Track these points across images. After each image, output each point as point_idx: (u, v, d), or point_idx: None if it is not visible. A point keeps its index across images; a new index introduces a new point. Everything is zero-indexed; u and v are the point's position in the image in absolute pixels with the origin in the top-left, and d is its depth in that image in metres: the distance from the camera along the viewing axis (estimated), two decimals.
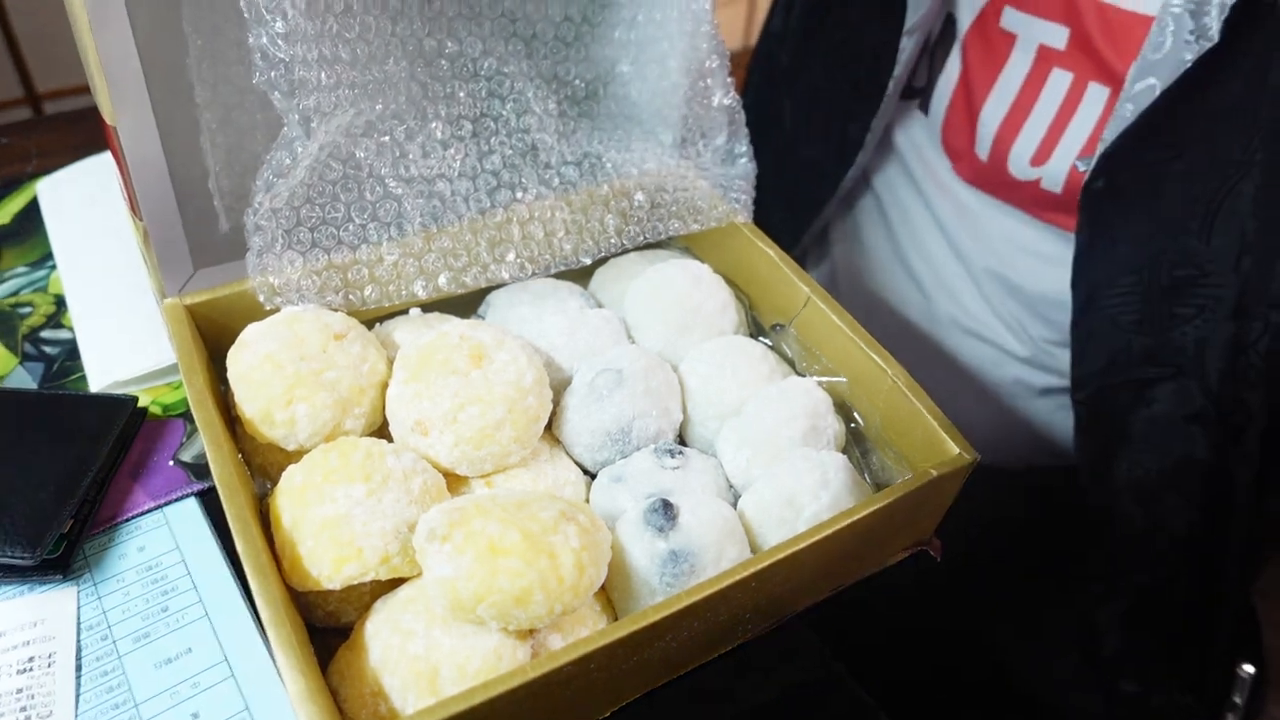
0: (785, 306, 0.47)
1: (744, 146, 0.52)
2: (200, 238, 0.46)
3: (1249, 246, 0.46)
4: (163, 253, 0.45)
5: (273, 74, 0.41)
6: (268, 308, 0.41)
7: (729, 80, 0.51)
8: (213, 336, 0.43)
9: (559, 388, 0.42)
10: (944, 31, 0.59)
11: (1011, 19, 0.55)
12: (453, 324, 0.43)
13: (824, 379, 0.45)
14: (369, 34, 0.45)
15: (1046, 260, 0.57)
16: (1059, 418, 0.62)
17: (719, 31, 0.50)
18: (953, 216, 0.62)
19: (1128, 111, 0.47)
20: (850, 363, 0.44)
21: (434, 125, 0.48)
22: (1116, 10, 0.50)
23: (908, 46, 0.57)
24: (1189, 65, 0.44)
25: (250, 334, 0.39)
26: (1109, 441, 0.54)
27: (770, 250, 0.48)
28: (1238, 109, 0.45)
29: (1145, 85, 0.46)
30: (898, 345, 0.45)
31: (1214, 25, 0.43)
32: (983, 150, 0.57)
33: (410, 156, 0.47)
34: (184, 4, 0.42)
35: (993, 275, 0.61)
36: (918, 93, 0.62)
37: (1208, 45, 0.44)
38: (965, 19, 0.58)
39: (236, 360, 0.39)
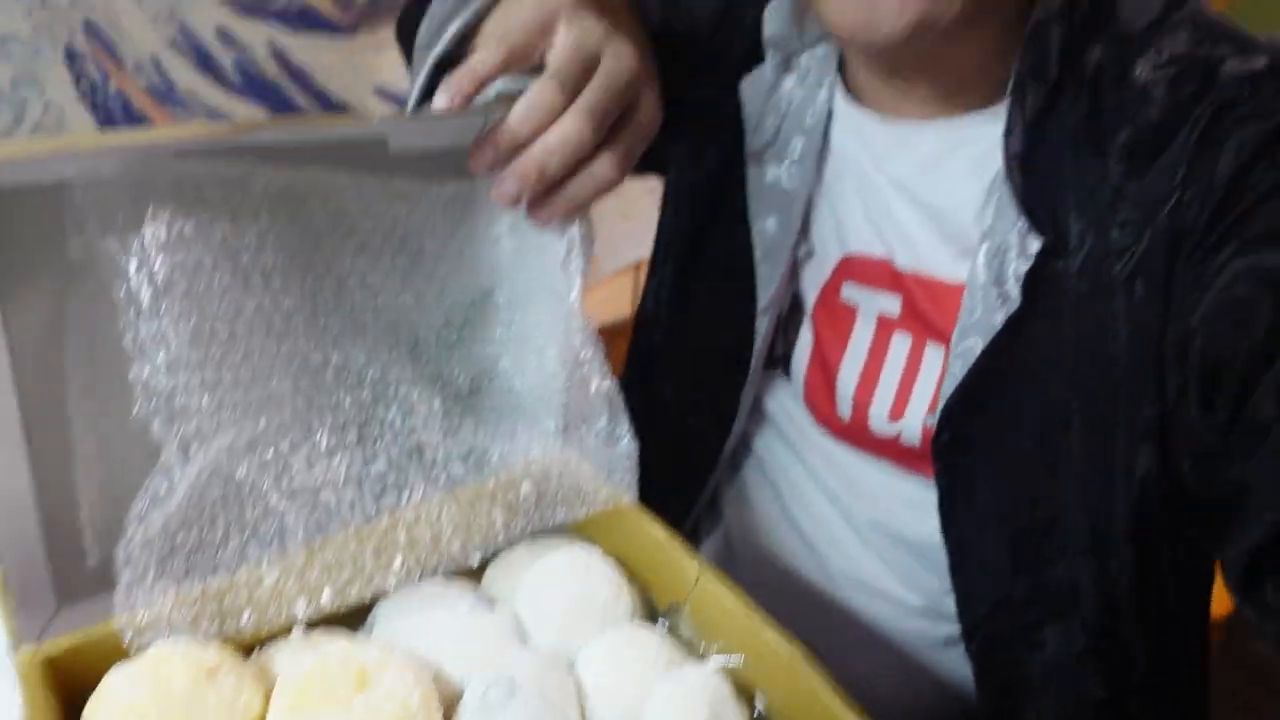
0: (677, 585, 0.48)
1: (624, 427, 0.54)
2: (66, 573, 0.43)
3: (1089, 486, 0.50)
4: (22, 595, 0.42)
5: (153, 403, 0.42)
6: (134, 649, 0.39)
7: (605, 367, 0.54)
8: (79, 685, 0.39)
9: (450, 702, 0.40)
10: (793, 307, 0.65)
11: (850, 292, 0.62)
12: (336, 644, 0.41)
13: (722, 659, 0.44)
14: (253, 356, 0.46)
15: (921, 509, 0.60)
16: (962, 666, 0.62)
17: (590, 325, 0.53)
18: (829, 473, 0.65)
19: (957, 369, 0.51)
20: (746, 640, 0.44)
21: (318, 435, 0.49)
22: (933, 281, 0.57)
23: (763, 323, 0.62)
24: (1000, 327, 0.50)
25: (110, 682, 0.37)
26: (1007, 688, 0.54)
27: (656, 530, 0.49)
28: (1049, 361, 0.50)
29: (968, 345, 0.51)
30: (796, 607, 0.45)
31: (1014, 291, 0.49)
32: (844, 411, 0.62)
33: (294, 469, 0.47)
34: (67, 346, 0.43)
35: (876, 527, 0.63)
36: (779, 360, 0.67)
37: (1013, 308, 0.49)
38: (810, 296, 0.64)
39: (92, 717, 0.36)
